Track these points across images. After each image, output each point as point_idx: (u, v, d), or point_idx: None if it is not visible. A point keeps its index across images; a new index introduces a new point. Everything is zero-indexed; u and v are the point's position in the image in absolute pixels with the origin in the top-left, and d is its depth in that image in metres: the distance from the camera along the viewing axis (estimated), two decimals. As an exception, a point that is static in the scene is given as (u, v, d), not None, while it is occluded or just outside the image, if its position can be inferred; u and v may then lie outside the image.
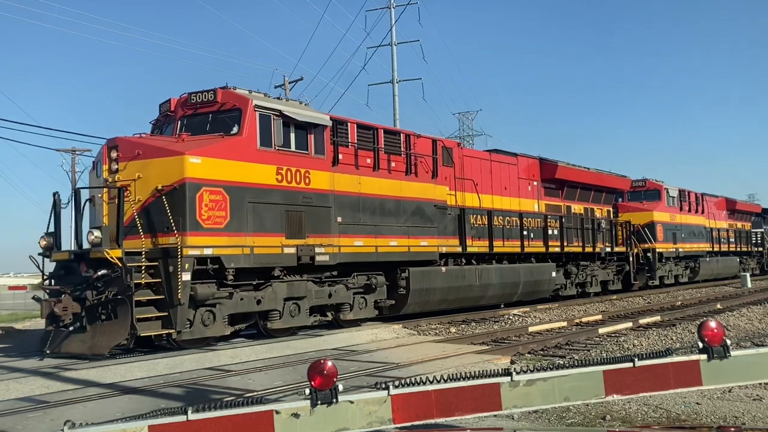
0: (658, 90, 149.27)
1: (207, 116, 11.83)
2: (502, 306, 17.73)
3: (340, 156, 13.11)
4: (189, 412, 2.45)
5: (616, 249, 23.19)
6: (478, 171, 17.68)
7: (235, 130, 11.50)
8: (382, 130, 14.44)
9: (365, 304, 13.52)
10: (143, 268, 10.11)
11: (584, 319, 14.62)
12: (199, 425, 2.46)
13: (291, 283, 12.02)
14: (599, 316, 14.98)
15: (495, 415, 3.05)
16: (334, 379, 2.61)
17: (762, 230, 39.08)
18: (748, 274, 27.83)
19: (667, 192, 27.47)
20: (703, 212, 30.98)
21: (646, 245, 25.11)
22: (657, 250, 25.51)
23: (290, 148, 12.21)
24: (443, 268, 15.37)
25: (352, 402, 2.63)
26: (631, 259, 23.90)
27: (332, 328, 13.45)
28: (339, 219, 12.87)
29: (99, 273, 9.88)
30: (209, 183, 10.80)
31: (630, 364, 3.06)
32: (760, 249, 38.55)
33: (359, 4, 51.84)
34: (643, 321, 13.64)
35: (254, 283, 11.58)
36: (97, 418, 5.41)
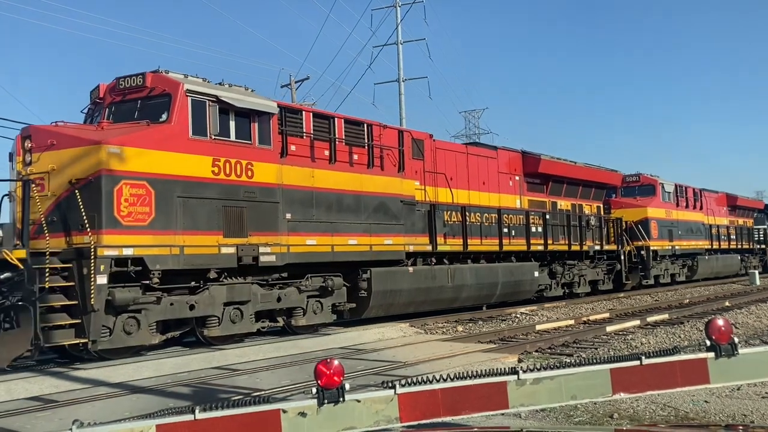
0: (666, 87, 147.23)
1: (136, 103, 11.06)
2: (485, 308, 17.56)
3: (292, 147, 12.52)
4: (196, 411, 2.49)
5: (607, 247, 22.87)
6: (453, 165, 17.00)
7: (164, 117, 10.73)
8: (343, 120, 13.86)
9: (321, 308, 12.98)
10: (50, 270, 9.37)
11: (592, 317, 15.51)
12: (207, 424, 2.49)
13: (232, 286, 11.34)
14: (607, 314, 15.96)
15: (502, 414, 3.07)
16: (341, 378, 2.63)
17: (765, 227, 39.22)
18: (757, 272, 28.88)
19: (663, 187, 27.13)
20: (701, 208, 30.80)
21: (640, 243, 24.81)
22: (651, 247, 25.03)
23: (229, 137, 11.46)
24: (410, 268, 14.81)
25: (359, 401, 2.68)
26: (622, 257, 23.53)
27: (346, 326, 14.20)
28: (288, 215, 12.19)
29: (2, 276, 9.09)
30: (130, 175, 10.03)
31: (637, 363, 3.11)
32: (763, 246, 38.83)
33: (365, 2, 51.79)
34: (650, 319, 14.51)
35: (191, 286, 10.91)
36: (105, 418, 5.49)
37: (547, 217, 19.78)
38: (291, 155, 12.36)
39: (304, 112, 13.11)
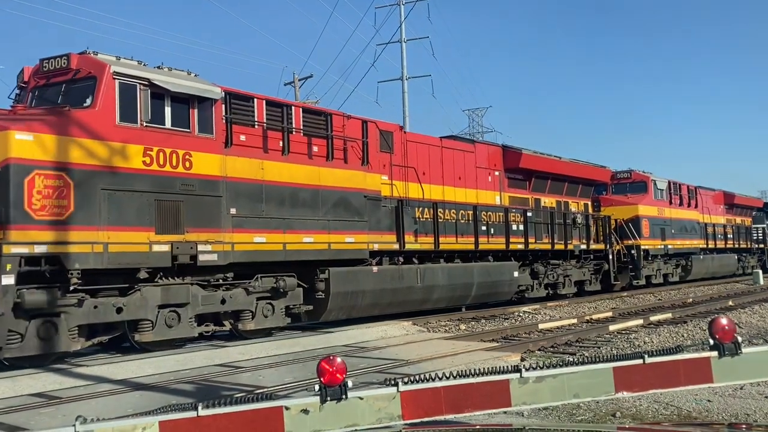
0: (670, 86, 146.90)
1: (60, 86, 10.37)
2: (464, 309, 17.15)
3: (241, 137, 11.95)
4: (199, 408, 2.51)
5: (594, 246, 22.53)
6: (426, 159, 16.41)
7: (88, 101, 10.07)
8: (301, 109, 13.40)
9: (272, 311, 12.42)
10: None
11: (595, 316, 16.28)
12: (210, 421, 2.50)
13: (167, 288, 10.71)
14: (610, 313, 16.82)
15: (505, 412, 3.06)
16: (344, 376, 2.64)
17: (764, 226, 39.07)
18: (760, 272, 29.60)
19: (655, 184, 26.74)
20: (696, 206, 30.69)
21: (630, 242, 24.52)
22: (642, 247, 24.74)
23: (164, 124, 10.77)
24: (375, 268, 14.24)
25: (361, 398, 2.71)
26: (610, 257, 23.11)
27: (342, 325, 14.11)
28: (233, 210, 11.54)
29: None
30: (45, 165, 9.36)
31: (640, 361, 3.15)
32: (762, 246, 38.73)
33: (369, 1, 51.66)
34: (653, 318, 15.54)
35: (120, 287, 10.29)
36: (108, 414, 5.54)
37: (529, 214, 19.48)
38: (237, 145, 11.80)
39: (256, 100, 12.43)
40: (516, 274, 18.16)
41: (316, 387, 2.97)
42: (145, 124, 10.36)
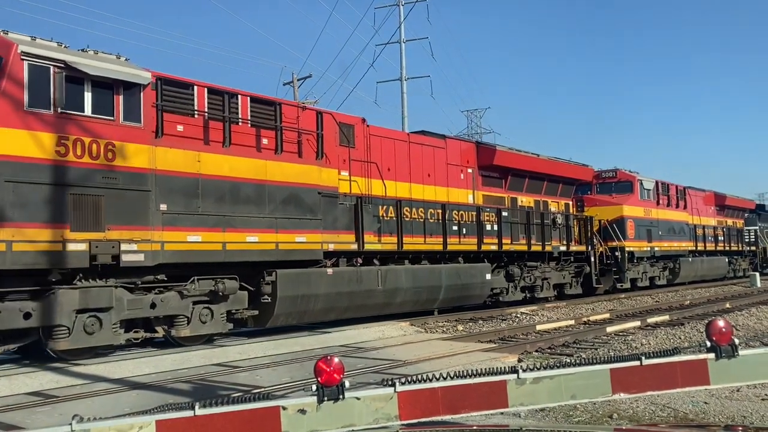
0: (670, 88, 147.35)
1: None
2: (436, 313, 16.84)
3: (178, 126, 11.30)
4: (196, 407, 2.54)
5: (575, 248, 22.15)
6: (391, 154, 15.80)
7: None
8: (249, 98, 12.62)
9: (211, 316, 11.69)
10: None
11: (592, 318, 16.94)
12: (206, 420, 2.53)
13: (86, 291, 10.03)
14: (607, 315, 17.51)
15: (502, 413, 3.07)
16: (341, 376, 2.66)
17: (756, 228, 39.10)
18: (757, 274, 30.52)
19: (641, 184, 26.49)
20: (685, 207, 30.59)
21: (615, 243, 24.19)
22: (627, 248, 24.45)
23: (84, 111, 10.09)
24: (329, 270, 13.59)
25: (358, 398, 2.75)
26: (592, 259, 22.74)
27: (337, 325, 14.26)
28: (163, 206, 10.80)
29: None
30: None
31: (637, 363, 3.21)
32: (753, 248, 38.82)
33: (368, 1, 51.83)
34: (651, 320, 16.02)
35: (29, 289, 9.64)
36: (105, 413, 5.57)
37: (505, 214, 19.00)
38: (171, 135, 11.16)
39: (196, 87, 11.78)
40: (488, 276, 17.69)
41: (314, 387, 3.02)
42: (60, 110, 9.72)
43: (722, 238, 34.33)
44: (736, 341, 3.73)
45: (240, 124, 12.30)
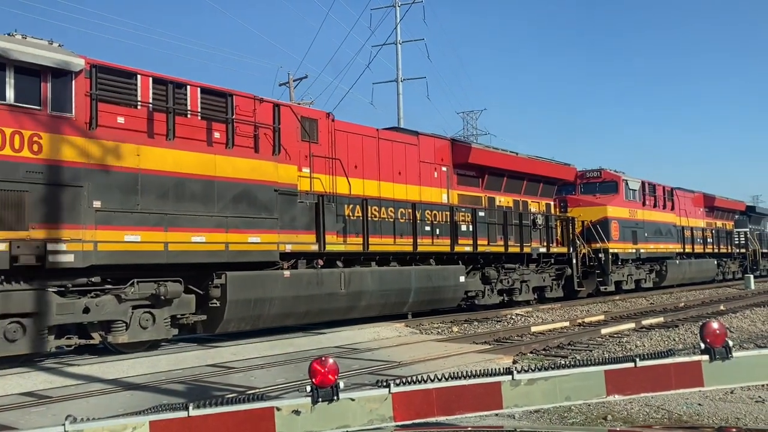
0: (668, 89, 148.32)
1: None
2: (410, 316, 16.49)
3: (118, 118, 10.81)
4: (190, 408, 2.56)
5: (556, 249, 21.82)
6: (359, 151, 15.31)
7: None
8: (199, 89, 12.05)
9: (152, 322, 11.15)
10: None
11: (587, 320, 17.60)
12: (200, 421, 2.54)
13: (7, 294, 9.56)
14: (602, 317, 18.28)
15: (496, 414, 3.08)
16: (336, 377, 2.66)
17: (746, 230, 39.01)
18: (752, 276, 31.44)
19: (626, 184, 26.34)
20: (673, 208, 30.55)
21: (598, 245, 24.01)
22: (611, 250, 24.24)
23: (5, 99, 9.62)
24: (286, 272, 13.03)
25: (353, 399, 2.78)
26: (574, 261, 22.44)
27: (332, 326, 14.60)
28: (96, 203, 10.25)
29: None
30: None
31: (631, 365, 3.25)
32: (743, 250, 38.81)
33: (364, 2, 51.94)
34: (645, 322, 16.53)
35: None
36: (98, 414, 5.61)
37: (481, 214, 18.64)
38: (107, 127, 10.68)
39: (139, 77, 11.27)
40: (462, 279, 17.31)
41: (308, 388, 3.07)
42: (-24, 97, 9.62)
43: (711, 240, 34.43)
44: (730, 343, 3.84)
45: (189, 116, 11.82)
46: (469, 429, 3.51)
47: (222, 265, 11.87)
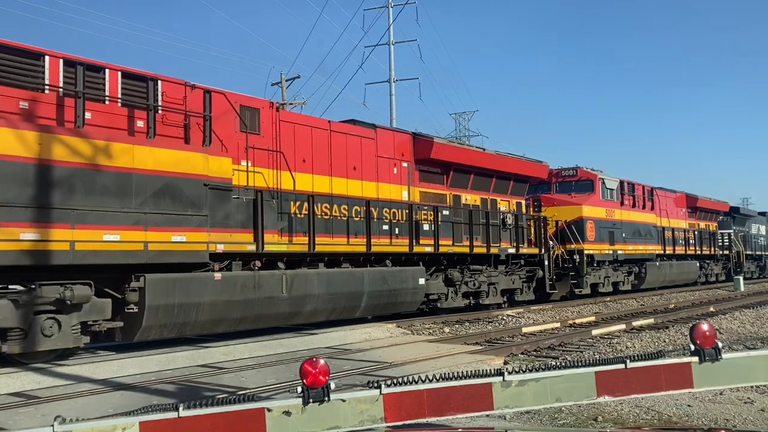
0: (660, 92, 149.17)
1: None
2: (370, 317, 16.25)
3: (21, 103, 9.91)
4: (180, 409, 2.56)
5: (526, 250, 21.00)
6: (308, 144, 14.37)
7: None
8: (119, 73, 11.23)
9: (57, 329, 10.23)
10: None
11: (578, 321, 18.26)
12: (191, 422, 2.54)
13: None
14: (592, 318, 19.17)
15: (487, 415, 3.08)
16: (327, 378, 2.66)
17: (730, 231, 38.50)
18: (741, 278, 32.08)
19: (603, 183, 25.69)
20: (653, 209, 29.95)
21: (573, 246, 23.28)
22: (586, 251, 23.51)
23: None
24: (217, 275, 12.11)
25: (344, 400, 2.79)
26: (546, 262, 21.62)
27: (326, 327, 14.92)
28: None
29: None
30: None
31: (622, 366, 3.29)
32: (727, 252, 38.45)
33: (357, 2, 52.16)
34: (636, 323, 17.23)
35: None
36: (88, 414, 5.59)
37: (446, 212, 17.89)
38: (2, 112, 9.89)
39: (47, 58, 10.53)
40: (422, 281, 16.53)
41: (299, 389, 3.10)
42: None
43: (693, 242, 33.88)
44: (720, 345, 3.93)
45: (107, 102, 10.97)
46: (460, 430, 3.54)
47: (142, 266, 10.89)
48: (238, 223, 12.55)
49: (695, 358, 3.76)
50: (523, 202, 22.26)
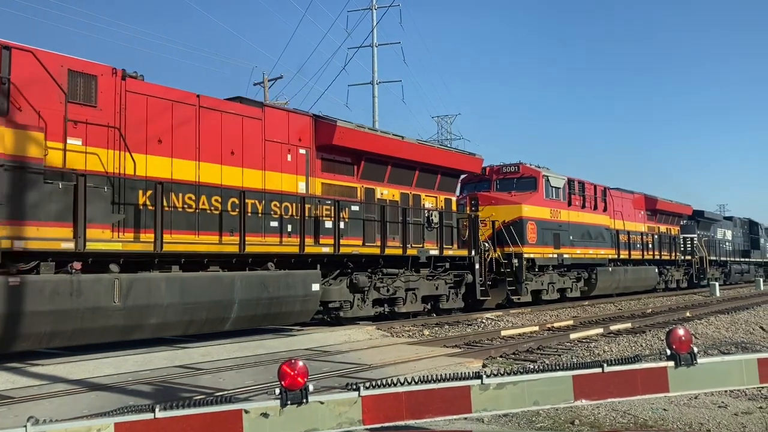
0: (646, 97, 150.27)
1: None
2: (237, 327, 13.96)
3: None
4: (157, 410, 2.54)
5: (453, 252, 19.46)
6: (166, 121, 12.50)
7: None
8: None
9: None
10: None
11: (556, 324, 19.06)
12: (167, 424, 2.52)
13: None
14: (571, 322, 20.39)
15: (465, 418, 3.07)
16: (305, 380, 2.65)
17: (694, 236, 37.49)
18: (717, 284, 29.73)
19: (548, 181, 24.16)
20: (605, 210, 28.71)
21: (511, 249, 21.87)
22: (526, 255, 22.15)
23: None
24: (11, 280, 9.98)
25: (322, 402, 2.78)
26: (477, 266, 20.01)
27: (303, 327, 15.78)
28: None
29: None
30: None
31: (599, 370, 3.30)
32: (689, 257, 37.41)
33: (341, 4, 52.03)
34: (613, 327, 17.06)
35: None
36: (62, 415, 5.46)
37: (355, 208, 16.22)
38: None
39: None
40: (316, 287, 14.55)
41: (277, 390, 3.06)
42: None
43: (652, 246, 32.16)
44: (695, 349, 4.02)
45: None
46: None
47: None
48: (50, 215, 10.30)
49: (671, 363, 3.86)
50: (454, 198, 20.66)
